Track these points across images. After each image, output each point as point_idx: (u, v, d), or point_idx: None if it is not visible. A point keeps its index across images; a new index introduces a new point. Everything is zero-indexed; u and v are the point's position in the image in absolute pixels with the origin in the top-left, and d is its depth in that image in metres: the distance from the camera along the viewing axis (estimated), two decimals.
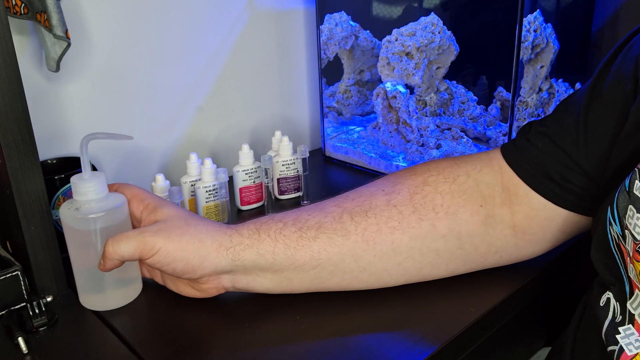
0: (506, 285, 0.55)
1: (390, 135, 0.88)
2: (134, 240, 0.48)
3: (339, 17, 0.92)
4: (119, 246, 0.48)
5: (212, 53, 0.84)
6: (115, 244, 0.48)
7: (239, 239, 0.50)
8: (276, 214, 0.53)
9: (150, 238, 0.48)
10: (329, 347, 0.48)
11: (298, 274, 0.51)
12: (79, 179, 0.51)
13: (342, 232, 0.51)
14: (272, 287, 0.52)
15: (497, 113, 0.83)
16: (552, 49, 0.80)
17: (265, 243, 0.50)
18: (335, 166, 0.94)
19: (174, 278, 0.53)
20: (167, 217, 0.51)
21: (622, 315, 0.41)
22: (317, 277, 0.51)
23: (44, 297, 0.53)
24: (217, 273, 0.50)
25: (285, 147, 0.77)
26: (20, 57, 0.64)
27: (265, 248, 0.50)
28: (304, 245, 0.50)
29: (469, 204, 0.52)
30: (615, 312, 0.42)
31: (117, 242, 0.48)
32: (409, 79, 0.84)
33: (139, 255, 0.48)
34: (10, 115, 0.50)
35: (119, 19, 0.73)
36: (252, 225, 0.51)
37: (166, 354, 0.48)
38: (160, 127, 0.82)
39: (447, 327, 0.49)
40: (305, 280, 0.52)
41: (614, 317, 0.42)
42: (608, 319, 0.42)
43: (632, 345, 0.40)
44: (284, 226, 0.51)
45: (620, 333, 0.41)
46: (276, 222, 0.51)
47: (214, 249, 0.49)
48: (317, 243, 0.50)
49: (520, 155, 0.53)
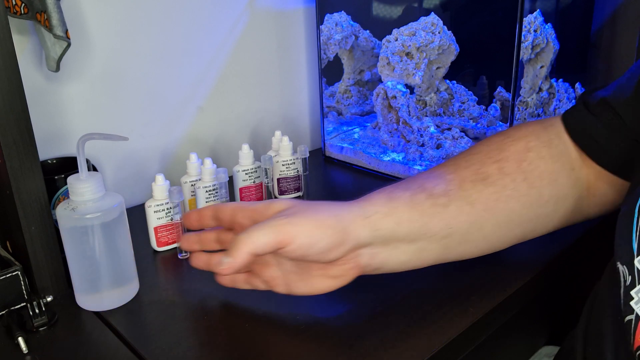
0: (506, 285, 0.55)
1: (390, 135, 0.88)
2: (270, 229, 0.43)
3: (339, 17, 0.92)
4: (257, 237, 0.43)
5: (212, 53, 0.84)
6: (250, 235, 0.43)
7: (373, 208, 0.48)
8: (394, 184, 0.51)
9: (286, 224, 0.44)
10: (329, 347, 0.48)
11: (430, 244, 0.50)
12: (76, 179, 0.51)
13: (469, 199, 0.50)
14: (406, 260, 0.51)
15: (497, 113, 0.83)
16: (552, 49, 0.80)
17: (400, 210, 0.48)
18: (335, 166, 0.94)
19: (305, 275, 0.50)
20: (288, 205, 0.47)
21: (630, 276, 0.41)
22: (446, 247, 0.51)
23: (44, 297, 0.53)
24: (358, 247, 0.48)
25: (285, 147, 0.77)
26: (20, 57, 0.64)
27: (402, 215, 0.48)
28: (437, 213, 0.49)
29: (564, 168, 0.54)
30: (625, 276, 0.42)
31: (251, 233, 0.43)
32: (409, 79, 0.84)
33: (276, 245, 0.44)
34: (10, 115, 0.50)
35: (119, 19, 0.73)
36: (381, 195, 0.50)
37: (166, 354, 0.48)
38: (160, 127, 0.82)
39: (447, 327, 0.49)
40: (435, 250, 0.51)
41: (624, 281, 0.42)
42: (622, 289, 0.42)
43: None
44: (413, 194, 0.49)
45: (633, 298, 0.40)
46: (403, 190, 0.50)
47: (352, 219, 0.46)
48: (448, 211, 0.50)
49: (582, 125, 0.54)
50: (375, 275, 0.58)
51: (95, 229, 0.51)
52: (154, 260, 0.64)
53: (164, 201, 0.64)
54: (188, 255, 0.64)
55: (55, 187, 0.62)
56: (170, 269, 0.62)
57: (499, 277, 0.56)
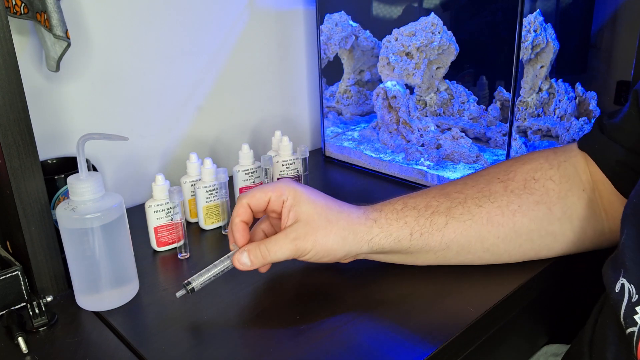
0: (506, 285, 0.55)
1: (390, 135, 0.88)
2: (288, 246, 0.52)
3: (339, 17, 0.92)
4: (276, 253, 0.52)
5: (212, 53, 0.84)
6: (271, 250, 0.52)
7: (377, 230, 0.54)
8: (406, 198, 0.57)
9: (302, 244, 0.52)
10: (329, 347, 0.48)
11: (427, 255, 0.56)
12: (76, 179, 0.51)
13: (469, 215, 0.54)
14: (397, 261, 0.58)
15: (497, 113, 0.83)
16: (552, 49, 0.80)
17: (402, 231, 0.54)
18: (335, 166, 0.94)
19: None
20: (308, 217, 0.53)
21: (638, 295, 0.42)
22: (443, 256, 0.56)
23: (43, 297, 0.53)
24: (359, 256, 0.56)
25: (285, 147, 0.77)
26: (20, 57, 0.64)
27: (403, 236, 0.54)
28: (437, 230, 0.54)
29: (574, 188, 0.56)
30: (631, 293, 0.43)
31: (271, 247, 0.52)
32: (409, 79, 0.84)
33: (292, 257, 0.53)
34: (10, 115, 0.50)
35: (119, 19, 0.73)
36: (390, 214, 0.55)
37: (166, 354, 0.48)
38: (160, 127, 0.82)
39: (447, 327, 0.49)
40: (431, 259, 0.56)
41: (630, 297, 0.43)
42: (624, 302, 0.43)
43: None
44: (418, 214, 0.54)
45: (638, 313, 0.42)
46: (410, 209, 0.55)
47: (356, 242, 0.53)
48: (448, 228, 0.54)
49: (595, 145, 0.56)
50: (374, 275, 0.58)
51: (95, 229, 0.51)
52: (154, 260, 0.64)
53: (164, 201, 0.64)
54: (188, 255, 0.64)
55: (55, 187, 0.62)
56: (170, 269, 0.62)
57: (499, 277, 0.56)
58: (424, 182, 0.82)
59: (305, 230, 0.52)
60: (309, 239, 0.52)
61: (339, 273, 0.58)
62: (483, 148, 0.83)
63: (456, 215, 0.54)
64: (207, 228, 0.71)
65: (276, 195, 0.53)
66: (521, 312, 0.58)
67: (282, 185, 0.54)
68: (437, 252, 0.55)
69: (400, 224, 0.54)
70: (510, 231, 0.55)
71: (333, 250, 0.53)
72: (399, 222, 0.54)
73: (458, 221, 0.54)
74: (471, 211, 0.54)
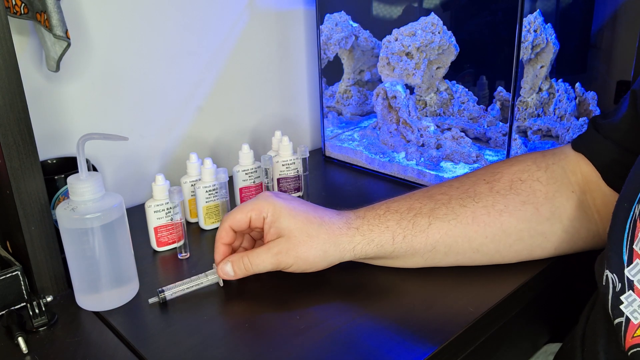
0: (506, 285, 0.55)
1: (390, 135, 0.88)
2: (270, 260, 0.54)
3: (339, 17, 0.92)
4: (258, 266, 0.54)
5: (212, 53, 0.84)
6: (253, 263, 0.54)
7: (359, 238, 0.54)
8: (389, 202, 0.57)
9: (284, 259, 0.53)
10: (329, 347, 0.48)
11: (413, 258, 0.55)
12: (76, 179, 0.51)
13: (453, 215, 0.54)
14: (387, 265, 0.57)
15: (497, 113, 0.83)
16: (552, 49, 0.80)
17: (384, 235, 0.54)
18: (335, 166, 0.94)
19: None
20: (289, 233, 0.54)
21: (620, 283, 0.42)
22: (431, 258, 0.55)
23: (43, 297, 0.53)
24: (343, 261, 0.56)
25: (285, 147, 0.77)
26: (20, 57, 0.64)
27: (386, 240, 0.54)
28: (420, 232, 0.54)
29: (562, 189, 0.55)
30: (615, 283, 0.43)
31: (253, 260, 0.54)
32: (409, 79, 0.84)
33: (275, 269, 0.55)
34: (10, 115, 0.50)
35: (119, 19, 0.73)
36: (372, 220, 0.55)
37: (166, 354, 0.48)
38: (160, 127, 0.82)
39: (447, 327, 0.49)
40: (420, 262, 0.56)
41: (614, 288, 0.43)
42: (610, 294, 0.43)
43: (636, 313, 0.41)
44: (400, 217, 0.55)
45: (623, 303, 0.42)
46: (393, 212, 0.55)
47: (338, 252, 0.54)
48: (432, 228, 0.54)
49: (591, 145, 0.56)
50: (374, 275, 0.58)
51: (95, 229, 0.51)
52: (154, 260, 0.64)
53: (164, 201, 0.64)
54: (188, 255, 0.64)
55: (55, 187, 0.62)
56: (170, 269, 0.62)
57: (499, 277, 0.56)
58: (424, 182, 0.82)
59: (287, 246, 0.53)
60: (291, 254, 0.53)
61: (339, 273, 0.58)
62: (483, 148, 0.83)
63: (440, 216, 0.54)
64: (207, 228, 0.71)
65: (256, 214, 0.55)
66: (521, 311, 0.58)
67: (261, 202, 0.55)
68: (424, 255, 0.55)
69: (382, 229, 0.54)
70: (499, 231, 0.54)
71: (315, 263, 0.54)
72: (381, 227, 0.54)
73: (442, 221, 0.54)
74: (455, 211, 0.54)
